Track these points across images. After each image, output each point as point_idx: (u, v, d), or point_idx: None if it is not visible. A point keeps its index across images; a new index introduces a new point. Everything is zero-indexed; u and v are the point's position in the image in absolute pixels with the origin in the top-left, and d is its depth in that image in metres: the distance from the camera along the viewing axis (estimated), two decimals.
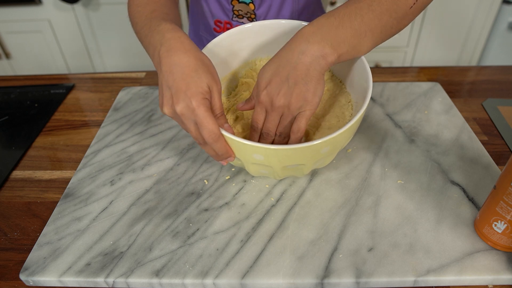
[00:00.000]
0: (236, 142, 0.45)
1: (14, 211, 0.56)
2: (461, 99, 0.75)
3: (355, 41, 0.46)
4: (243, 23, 0.74)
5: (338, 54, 0.45)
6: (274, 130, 0.49)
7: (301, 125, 0.48)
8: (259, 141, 0.51)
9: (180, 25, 0.53)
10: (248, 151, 0.46)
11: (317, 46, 0.44)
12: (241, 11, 0.73)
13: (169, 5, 0.58)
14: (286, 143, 0.51)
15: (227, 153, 0.47)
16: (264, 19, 0.73)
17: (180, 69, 0.44)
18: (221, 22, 0.76)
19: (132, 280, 0.45)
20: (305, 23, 0.55)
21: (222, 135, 0.45)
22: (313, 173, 0.57)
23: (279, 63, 0.46)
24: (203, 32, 0.81)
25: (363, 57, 0.52)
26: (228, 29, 0.73)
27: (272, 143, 0.51)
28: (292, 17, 0.74)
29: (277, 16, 0.73)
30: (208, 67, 0.46)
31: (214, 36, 0.76)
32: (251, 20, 0.73)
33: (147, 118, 0.70)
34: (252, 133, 0.51)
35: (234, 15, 0.74)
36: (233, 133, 0.46)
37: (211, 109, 0.45)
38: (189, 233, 0.49)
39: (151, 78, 0.86)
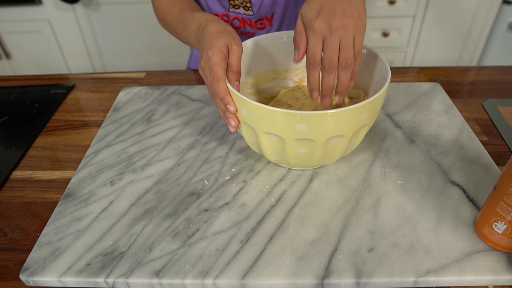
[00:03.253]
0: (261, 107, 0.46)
1: (14, 211, 0.56)
2: (461, 99, 0.75)
3: None
4: (239, 13, 0.75)
5: None
6: (337, 57, 0.47)
7: (361, 44, 0.48)
8: (321, 78, 0.49)
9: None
10: (268, 114, 0.46)
11: None
12: (237, 0, 0.73)
13: (188, 0, 0.68)
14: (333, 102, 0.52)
15: (226, 98, 0.49)
16: (260, 7, 0.74)
17: (208, 35, 0.52)
18: (218, 15, 0.76)
19: (132, 280, 0.45)
20: None
21: (224, 80, 0.49)
22: (313, 174, 0.57)
23: None
24: None
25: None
26: (225, 21, 0.76)
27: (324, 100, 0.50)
28: (287, 5, 0.75)
29: (273, 4, 0.74)
30: (230, 33, 0.52)
31: None
32: (247, 9, 0.74)
33: (147, 118, 0.70)
34: (311, 71, 0.49)
35: (231, 6, 0.75)
36: (238, 90, 0.49)
37: (229, 65, 0.51)
38: (189, 233, 0.49)
39: (151, 78, 0.86)
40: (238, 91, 0.48)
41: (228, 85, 0.48)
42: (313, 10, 0.47)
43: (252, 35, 0.78)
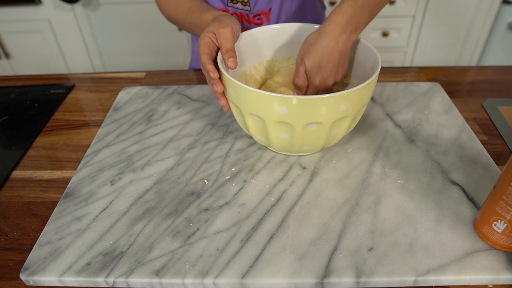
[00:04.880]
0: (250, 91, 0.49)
1: (14, 211, 0.56)
2: (461, 99, 0.75)
3: (368, 19, 0.56)
4: (237, 8, 0.75)
5: (358, 34, 0.56)
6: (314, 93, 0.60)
7: (329, 83, 0.59)
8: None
9: (211, 6, 0.67)
10: (266, 100, 0.49)
11: (350, 35, 0.55)
12: None
13: None
14: None
15: (207, 66, 0.53)
16: (257, 1, 0.74)
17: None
18: None
19: (132, 279, 0.45)
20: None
21: (204, 55, 0.53)
22: (313, 173, 0.57)
23: (325, 49, 0.54)
24: None
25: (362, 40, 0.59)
26: None
27: None
28: (283, 0, 0.76)
29: None
30: (219, 20, 0.56)
31: None
32: (244, 4, 0.74)
33: (147, 118, 0.70)
34: (298, 93, 0.61)
35: (229, 1, 0.75)
36: (236, 66, 0.54)
37: (219, 46, 0.55)
38: (189, 233, 0.49)
39: (151, 78, 0.86)
40: (234, 67, 0.53)
41: (220, 66, 0.52)
42: (314, 66, 0.56)
43: None
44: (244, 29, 0.79)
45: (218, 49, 0.56)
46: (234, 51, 0.54)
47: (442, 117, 0.67)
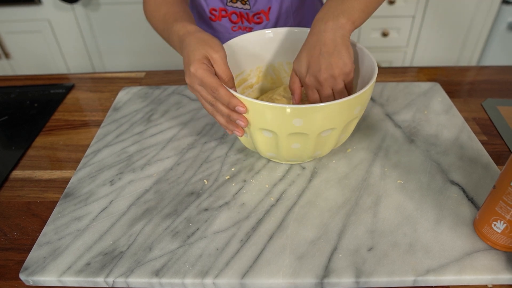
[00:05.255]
0: (252, 103, 0.47)
1: (14, 211, 0.56)
2: (460, 99, 0.75)
3: (362, 5, 0.52)
4: (237, 7, 0.75)
5: (352, 21, 0.51)
6: (331, 97, 0.54)
7: (351, 84, 0.54)
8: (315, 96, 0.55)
9: (190, 16, 0.61)
10: (260, 110, 0.48)
11: (332, 22, 0.50)
12: None
13: (177, 2, 0.64)
14: None
15: (232, 101, 0.48)
16: (256, 1, 0.74)
17: (186, 51, 0.52)
18: (216, 10, 0.76)
19: (132, 279, 0.45)
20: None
21: (222, 85, 0.48)
22: (313, 173, 0.57)
23: (309, 47, 0.52)
24: (199, 22, 0.81)
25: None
26: (223, 16, 0.77)
27: None
28: None
29: None
30: (206, 41, 0.51)
31: (211, 26, 0.79)
32: (244, 3, 0.74)
33: (147, 118, 0.70)
34: (294, 97, 0.57)
35: (228, 0, 0.75)
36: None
37: (218, 75, 0.50)
38: (189, 233, 0.49)
39: (151, 78, 0.86)
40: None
41: (235, 93, 0.48)
42: (302, 67, 0.53)
43: (250, 29, 0.78)
44: (244, 28, 0.79)
45: None
46: (233, 79, 0.52)
47: (442, 117, 0.67)
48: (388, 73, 0.83)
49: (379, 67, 0.89)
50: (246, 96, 0.47)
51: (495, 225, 0.45)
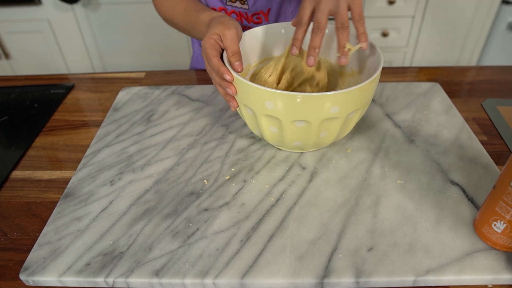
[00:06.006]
0: (247, 85, 0.50)
1: (14, 211, 0.56)
2: (460, 99, 0.75)
3: None
4: (236, 7, 0.76)
5: None
6: (325, 21, 0.52)
7: (359, 9, 0.52)
8: (310, 39, 0.54)
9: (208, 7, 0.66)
10: (258, 94, 0.50)
11: None
12: None
13: None
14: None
15: (221, 69, 0.52)
16: (256, 1, 0.74)
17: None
18: (215, 9, 0.77)
19: (132, 280, 0.45)
20: None
21: (215, 56, 0.53)
22: (313, 173, 0.57)
23: None
24: None
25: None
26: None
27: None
28: (283, 0, 0.76)
29: None
30: (222, 22, 0.55)
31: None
32: (243, 3, 0.74)
33: (147, 118, 0.70)
34: (297, 30, 0.55)
35: (228, 0, 0.75)
36: (242, 69, 0.53)
37: (225, 50, 0.54)
38: (189, 233, 0.49)
39: (151, 78, 0.86)
40: (241, 71, 0.53)
41: (227, 66, 0.52)
42: None
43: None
44: (243, 27, 0.79)
45: (223, 50, 0.55)
46: (240, 54, 0.54)
47: (442, 117, 0.68)
48: (388, 73, 0.83)
49: None
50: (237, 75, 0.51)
51: (495, 225, 0.45)
